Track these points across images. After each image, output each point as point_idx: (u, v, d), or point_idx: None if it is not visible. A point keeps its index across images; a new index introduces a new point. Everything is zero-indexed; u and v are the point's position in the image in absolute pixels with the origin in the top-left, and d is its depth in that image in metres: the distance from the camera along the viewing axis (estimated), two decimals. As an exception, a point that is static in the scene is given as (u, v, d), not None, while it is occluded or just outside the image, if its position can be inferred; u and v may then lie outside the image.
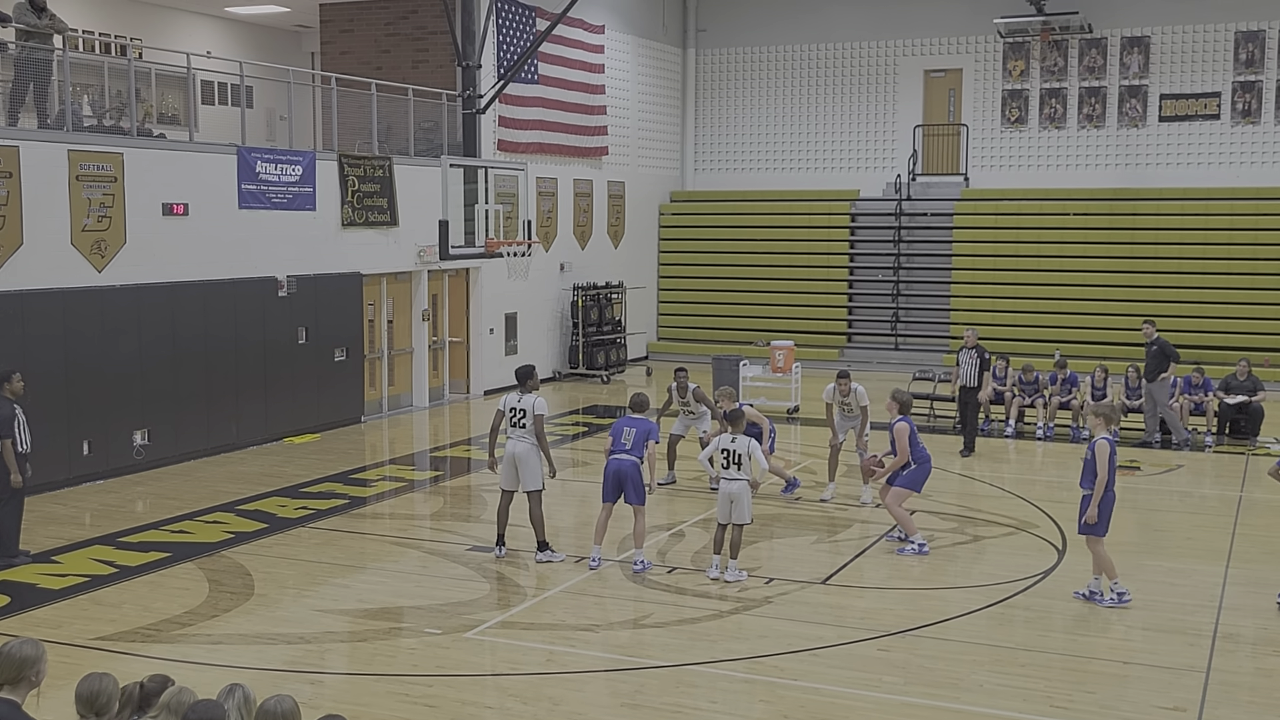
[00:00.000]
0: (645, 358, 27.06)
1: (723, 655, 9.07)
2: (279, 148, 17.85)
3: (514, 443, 11.37)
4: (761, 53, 28.32)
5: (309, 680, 8.57)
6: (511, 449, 11.38)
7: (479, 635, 9.51)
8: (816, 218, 27.11)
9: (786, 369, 20.11)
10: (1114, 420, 10.56)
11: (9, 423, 10.90)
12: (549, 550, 11.52)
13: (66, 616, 9.88)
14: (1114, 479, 10.23)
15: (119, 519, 13.03)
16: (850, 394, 14.05)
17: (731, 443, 10.80)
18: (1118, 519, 13.59)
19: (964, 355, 16.95)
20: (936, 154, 27.17)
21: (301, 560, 11.55)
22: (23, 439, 11.11)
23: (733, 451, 10.75)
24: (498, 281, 21.38)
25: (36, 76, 14.71)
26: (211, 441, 16.27)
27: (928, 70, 27.11)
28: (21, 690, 5.05)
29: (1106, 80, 25.63)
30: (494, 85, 19.72)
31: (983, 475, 15.60)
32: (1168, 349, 17.35)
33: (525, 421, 11.32)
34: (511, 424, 11.36)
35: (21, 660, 5.03)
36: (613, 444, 11.19)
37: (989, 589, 10.68)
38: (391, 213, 19.33)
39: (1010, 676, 8.68)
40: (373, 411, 19.44)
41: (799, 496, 14.07)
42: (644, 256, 27.84)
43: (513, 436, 11.37)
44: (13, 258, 13.62)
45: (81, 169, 14.40)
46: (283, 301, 17.35)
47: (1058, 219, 25.37)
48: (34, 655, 5.05)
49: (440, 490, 14.86)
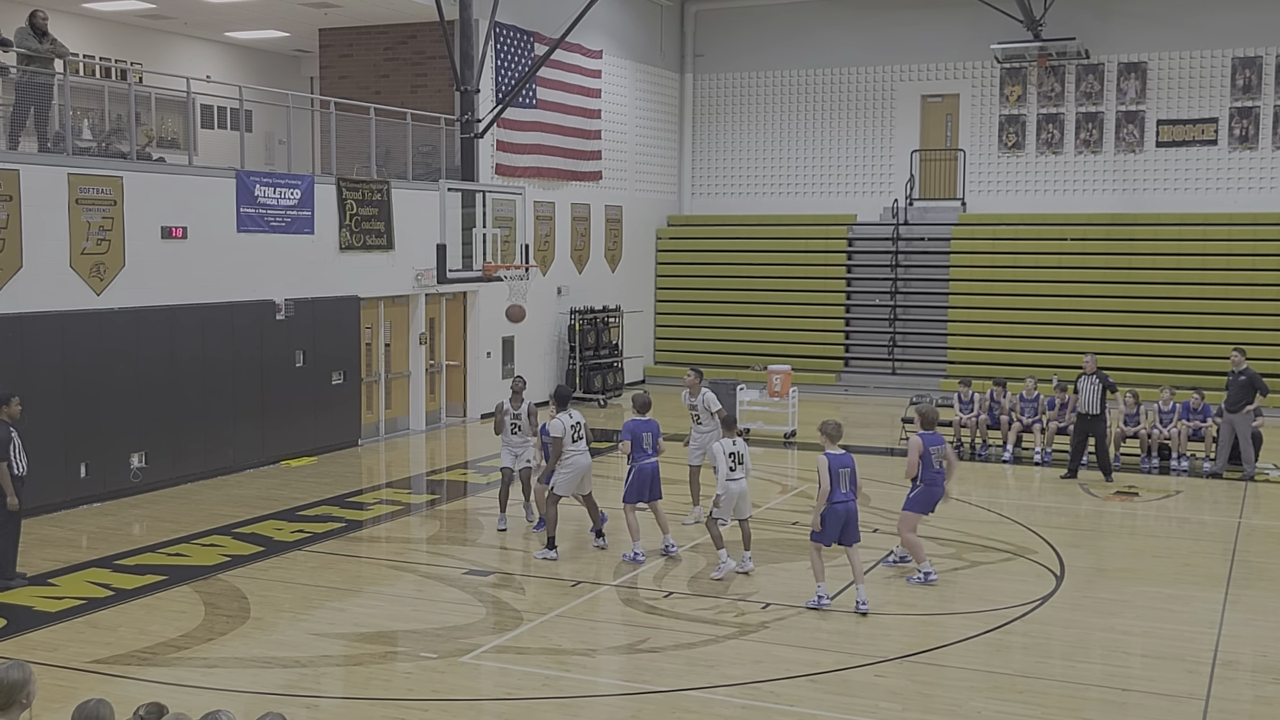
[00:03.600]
0: (642, 381, 27.06)
1: (720, 680, 9.04)
2: (278, 171, 17.90)
3: (583, 456, 12.31)
4: (759, 77, 28.45)
5: (305, 704, 8.54)
6: (585, 462, 12.32)
7: (475, 659, 9.48)
8: (814, 242, 27.17)
9: (784, 393, 20.12)
10: (837, 438, 10.77)
11: (4, 445, 10.89)
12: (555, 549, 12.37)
13: (63, 639, 9.85)
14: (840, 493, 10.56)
15: (116, 542, 13.00)
16: (700, 397, 13.82)
17: (734, 445, 11.62)
18: (1116, 545, 13.63)
19: (1084, 382, 16.62)
20: (934, 179, 27.27)
21: (298, 584, 11.52)
22: (18, 462, 11.10)
23: (737, 453, 11.59)
24: (495, 305, 21.41)
25: (37, 100, 14.77)
26: (208, 464, 16.25)
27: (925, 95, 27.23)
28: (14, 714, 5.03)
29: (1104, 106, 25.75)
30: (492, 110, 19.81)
31: (980, 500, 15.59)
32: (1257, 380, 16.86)
33: (584, 434, 12.39)
34: (574, 439, 12.18)
35: (11, 685, 5.02)
36: (634, 447, 12.16)
37: (987, 615, 10.65)
38: (389, 236, 19.37)
39: (1008, 703, 8.66)
40: (370, 435, 19.43)
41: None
42: (641, 280, 27.89)
43: (581, 451, 12.28)
44: (12, 280, 13.64)
45: (81, 192, 14.43)
46: (280, 324, 17.36)
47: (1055, 244, 25.43)
48: (22, 679, 5.04)
49: (437, 514, 14.83)
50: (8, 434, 10.96)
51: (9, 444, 10.94)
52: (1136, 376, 22.47)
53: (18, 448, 11.07)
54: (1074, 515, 15.05)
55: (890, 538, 13.27)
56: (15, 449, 11.04)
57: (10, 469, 10.97)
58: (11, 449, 10.97)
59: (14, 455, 11.02)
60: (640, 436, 12.16)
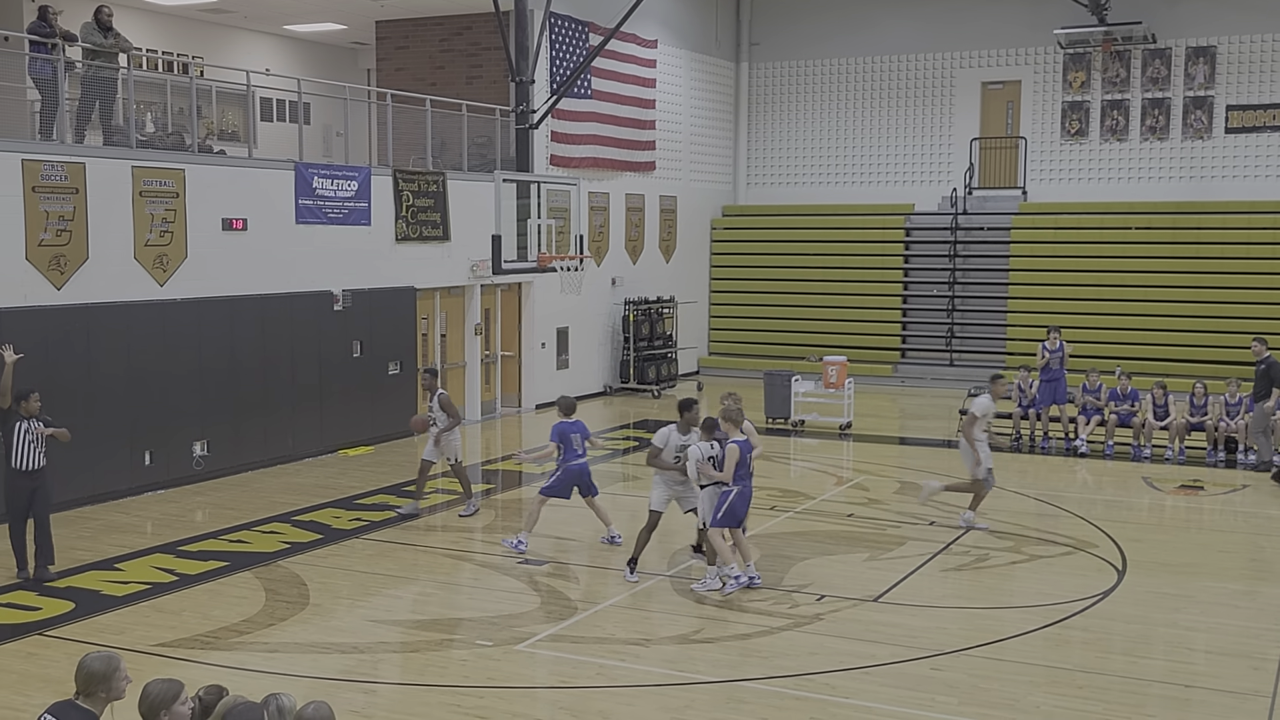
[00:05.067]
0: (696, 372, 27.02)
1: (773, 672, 9.00)
2: (335, 163, 18.07)
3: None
4: (815, 66, 28.24)
5: (363, 690, 8.64)
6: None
7: (530, 648, 9.52)
8: (871, 232, 26.94)
9: (839, 385, 19.98)
10: (739, 422, 10.91)
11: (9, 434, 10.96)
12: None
13: (129, 623, 10.04)
14: (742, 479, 10.73)
15: (179, 528, 13.22)
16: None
17: (712, 449, 11.02)
18: (1180, 539, 13.38)
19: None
20: (994, 167, 26.91)
21: (356, 571, 11.64)
22: (29, 456, 10.98)
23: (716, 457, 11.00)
24: (550, 296, 21.48)
25: (102, 95, 15.02)
26: (268, 453, 16.46)
27: (985, 82, 26.88)
28: (97, 704, 5.15)
29: (1171, 91, 25.25)
30: (547, 100, 19.84)
31: (1040, 493, 15.39)
32: (1275, 371, 16.64)
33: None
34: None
35: (89, 675, 5.16)
36: (565, 449, 12.22)
37: (1046, 609, 10.51)
38: (445, 227, 19.49)
39: (1067, 698, 8.54)
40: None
41: None
42: (696, 271, 27.83)
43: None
44: (79, 272, 13.90)
45: (145, 185, 14.67)
46: (338, 315, 17.54)
47: (1119, 233, 25.01)
48: (104, 672, 5.16)
49: (492, 503, 14.91)
50: (13, 425, 10.94)
51: (12, 433, 10.94)
52: (1203, 369, 22.05)
53: (33, 439, 10.97)
54: (1136, 509, 14.82)
55: (949, 530, 13.15)
56: (23, 440, 10.94)
57: (14, 460, 10.94)
58: (17, 437, 10.91)
59: (24, 447, 10.92)
60: (570, 438, 12.27)
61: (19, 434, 10.96)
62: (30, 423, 10.99)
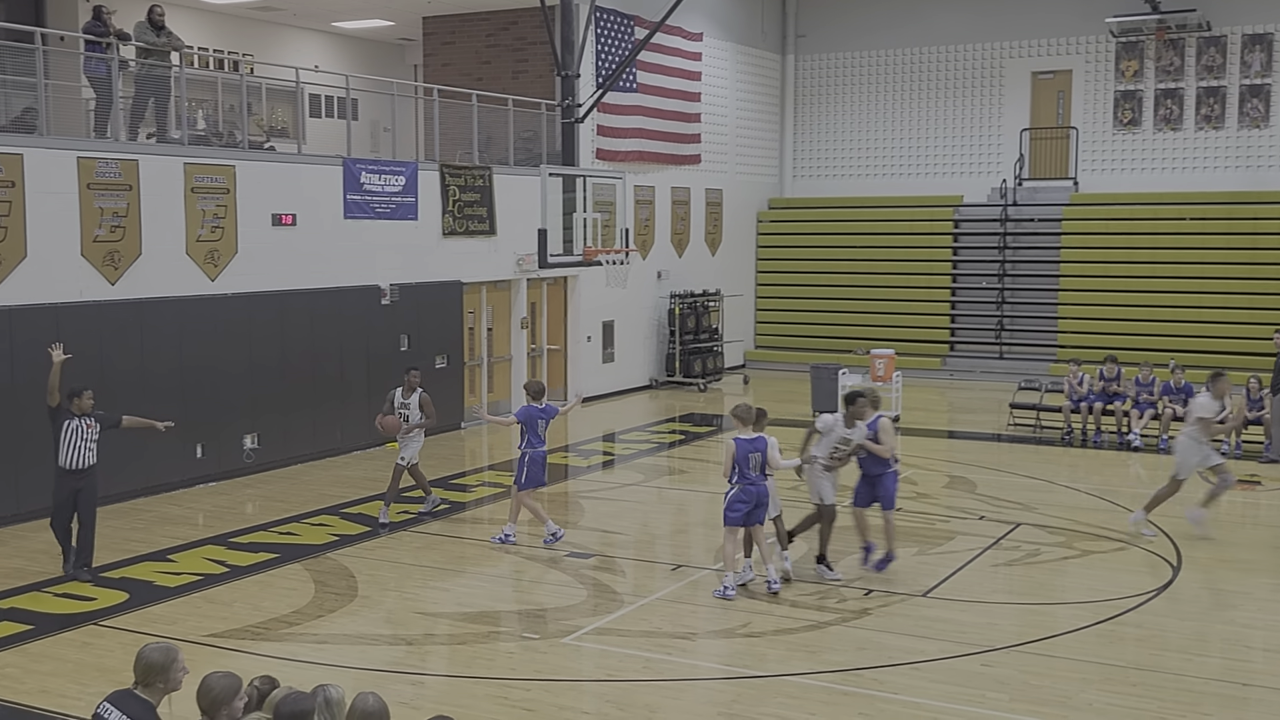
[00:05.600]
0: (742, 366, 26.94)
1: (821, 667, 8.95)
2: (382, 159, 18.19)
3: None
4: (862, 57, 28.03)
5: (410, 681, 8.69)
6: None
7: (576, 641, 9.53)
8: (919, 224, 26.71)
9: (887, 378, 19.83)
10: (748, 421, 10.61)
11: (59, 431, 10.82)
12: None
13: (181, 613, 10.16)
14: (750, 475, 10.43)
15: (230, 520, 13.38)
16: None
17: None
18: (1237, 535, 13.13)
19: None
20: (1044, 158, 26.58)
21: (403, 563, 11.72)
22: (78, 455, 10.84)
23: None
24: (595, 290, 21.49)
25: (155, 92, 15.21)
26: (317, 446, 16.60)
27: (1035, 72, 26.55)
28: (155, 695, 5.21)
29: (1226, 80, 24.80)
30: (593, 94, 19.82)
31: (1092, 488, 15.18)
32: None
33: None
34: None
35: (148, 666, 5.22)
36: (531, 436, 12.23)
37: (1098, 605, 10.36)
38: (491, 222, 19.55)
39: (1121, 696, 8.41)
40: (472, 418, 19.66)
41: None
42: (742, 264, 27.73)
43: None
44: (132, 267, 14.09)
45: (196, 181, 14.84)
46: (385, 309, 17.65)
47: (1173, 224, 24.60)
48: (161, 663, 5.22)
49: (537, 496, 14.92)
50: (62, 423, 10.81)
51: (61, 431, 10.79)
52: (1258, 362, 21.62)
53: (83, 439, 10.85)
54: (1192, 504, 14.57)
55: (998, 525, 13.01)
56: (73, 438, 10.81)
57: (63, 458, 10.80)
58: (65, 435, 10.77)
59: (74, 445, 10.81)
60: (535, 422, 12.23)
61: (67, 432, 10.81)
62: (81, 420, 10.87)
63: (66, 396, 10.92)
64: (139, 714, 5.14)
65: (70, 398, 10.90)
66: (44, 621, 9.91)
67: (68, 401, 10.91)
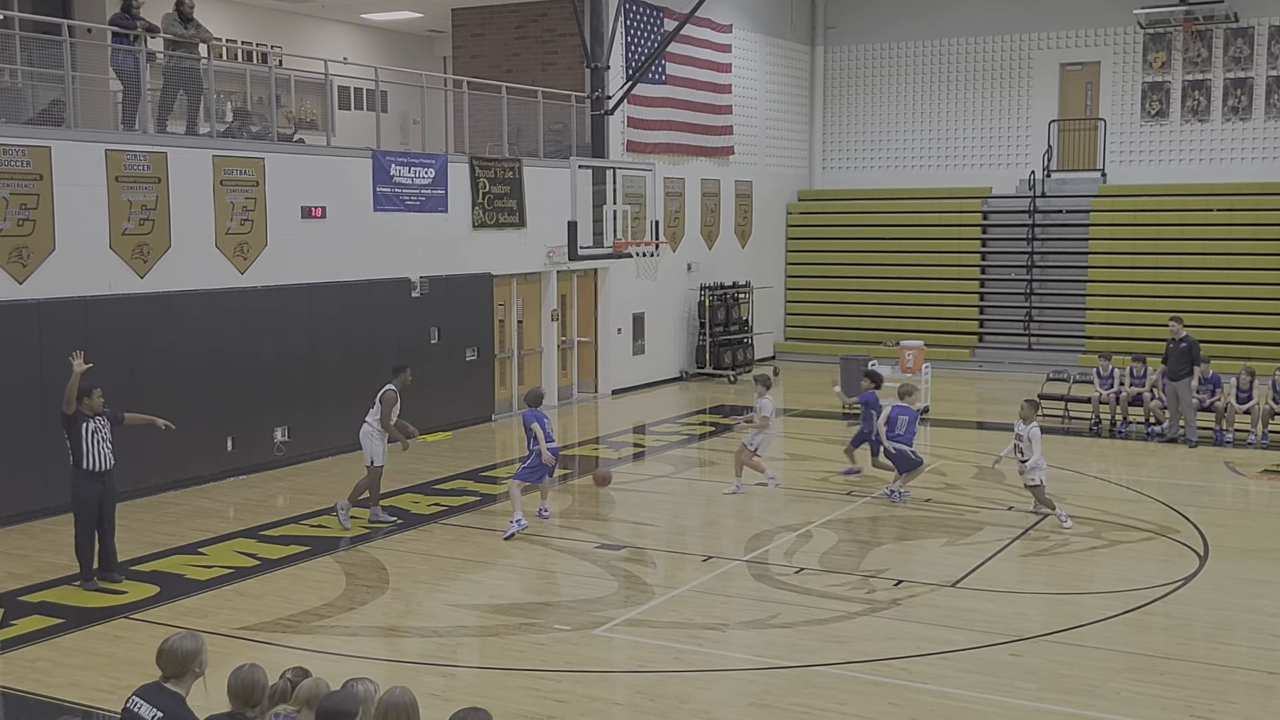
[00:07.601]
0: (772, 357, 26.93)
1: (851, 657, 8.98)
2: (412, 151, 18.27)
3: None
4: (891, 49, 27.93)
5: (442, 673, 8.77)
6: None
7: (607, 632, 9.59)
8: (947, 215, 26.61)
9: (916, 369, 19.79)
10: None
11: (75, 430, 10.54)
12: None
13: (212, 606, 10.26)
14: None
15: (261, 513, 13.49)
16: None
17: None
18: (1263, 525, 13.07)
19: None
20: (1072, 149, 26.42)
21: (434, 556, 11.81)
22: (95, 457, 10.56)
23: None
24: (626, 282, 21.53)
25: (184, 85, 15.30)
26: (347, 438, 16.59)
27: (1063, 64, 26.38)
28: (186, 682, 5.29)
29: (1253, 71, 24.58)
30: (622, 86, 19.86)
31: (1121, 478, 15.13)
32: (1195, 350, 17.13)
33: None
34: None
35: (184, 655, 5.27)
36: (547, 437, 12.64)
37: (1126, 595, 10.36)
38: (521, 214, 19.62)
39: (1148, 685, 8.41)
40: (503, 410, 19.75)
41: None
42: (771, 256, 27.71)
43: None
44: (161, 260, 14.22)
45: (225, 174, 14.95)
46: (416, 302, 17.75)
47: (1201, 215, 24.41)
48: (195, 649, 5.30)
49: (569, 488, 15.02)
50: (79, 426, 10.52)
51: (80, 434, 10.53)
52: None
53: (103, 439, 10.59)
54: (1219, 494, 14.52)
55: (1027, 516, 12.99)
56: (92, 440, 10.54)
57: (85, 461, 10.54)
58: (86, 436, 10.49)
59: (97, 446, 10.55)
60: (535, 427, 12.67)
61: (87, 433, 10.51)
62: (96, 421, 10.55)
63: (77, 399, 10.57)
64: (170, 707, 5.17)
65: (80, 398, 10.55)
66: (75, 615, 9.99)
67: (79, 403, 10.56)
